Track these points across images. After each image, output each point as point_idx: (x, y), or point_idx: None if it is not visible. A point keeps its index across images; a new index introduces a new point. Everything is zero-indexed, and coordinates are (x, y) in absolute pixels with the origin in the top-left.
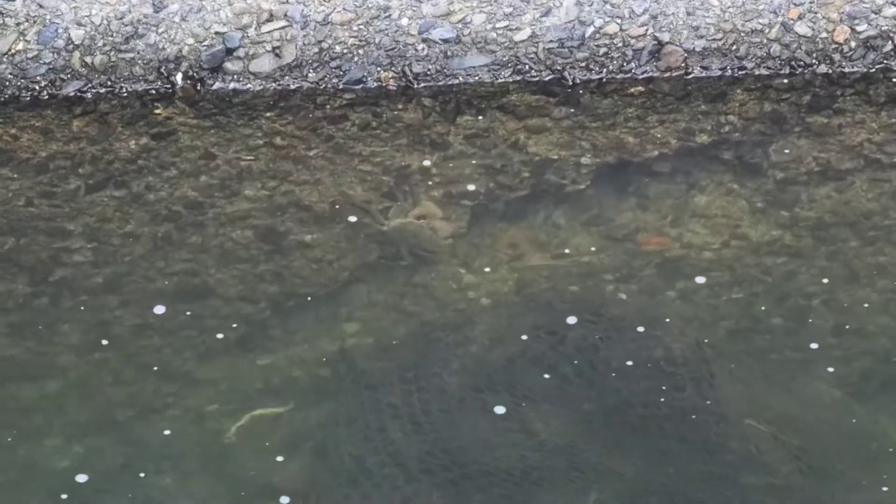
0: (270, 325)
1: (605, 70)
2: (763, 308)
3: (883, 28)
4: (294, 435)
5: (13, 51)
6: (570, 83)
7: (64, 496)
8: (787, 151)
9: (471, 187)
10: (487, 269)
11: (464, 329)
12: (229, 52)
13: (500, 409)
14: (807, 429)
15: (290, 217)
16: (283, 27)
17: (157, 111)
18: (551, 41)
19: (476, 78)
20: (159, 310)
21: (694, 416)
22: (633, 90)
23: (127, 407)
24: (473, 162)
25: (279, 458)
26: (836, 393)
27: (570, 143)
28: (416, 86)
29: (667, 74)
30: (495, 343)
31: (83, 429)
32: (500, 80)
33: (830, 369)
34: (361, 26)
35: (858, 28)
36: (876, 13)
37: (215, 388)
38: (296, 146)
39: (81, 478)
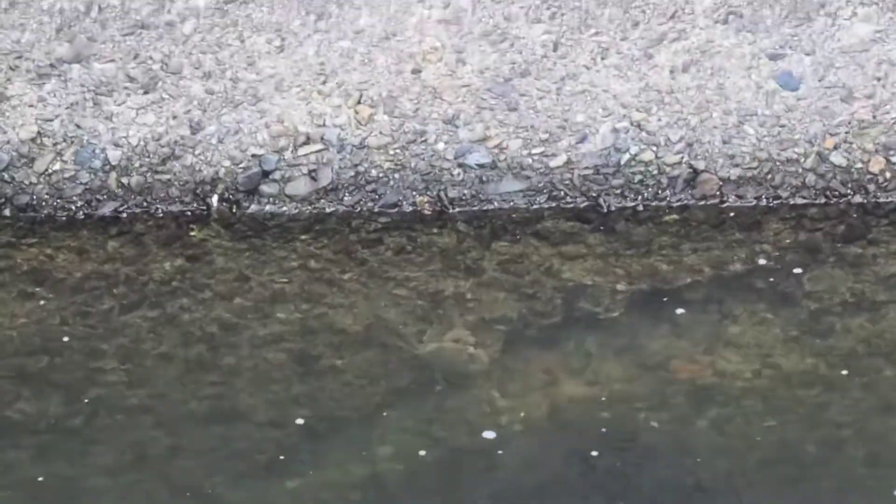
0: (301, 448)
1: (640, 197)
2: (795, 438)
3: None
4: None
5: (50, 170)
6: (605, 210)
7: None
8: (821, 281)
9: (504, 313)
10: (521, 395)
11: (496, 455)
12: (265, 174)
13: None
14: None
15: (323, 340)
16: (319, 150)
17: (193, 233)
18: (587, 168)
19: (511, 203)
20: (192, 432)
21: None
22: (667, 218)
23: None
24: (507, 287)
25: None
26: None
27: (604, 270)
28: (451, 210)
29: (702, 202)
30: (528, 467)
31: None
32: (535, 206)
33: (863, 501)
34: (398, 150)
35: (893, 158)
36: None
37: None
38: (330, 269)
39: None
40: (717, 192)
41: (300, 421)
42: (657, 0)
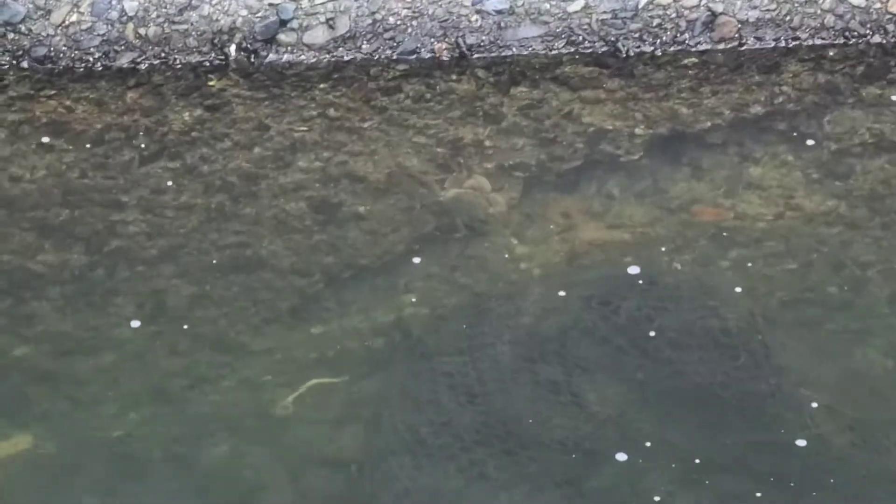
0: (325, 296)
1: (658, 41)
2: (817, 278)
3: None
4: (350, 405)
5: (67, 22)
6: (624, 55)
7: (118, 464)
8: (840, 122)
9: (524, 158)
10: (539, 240)
11: (516, 300)
12: (283, 23)
13: (552, 380)
14: (861, 400)
15: (344, 188)
16: None
17: (211, 83)
18: (605, 12)
19: (530, 49)
20: (213, 281)
21: (748, 387)
22: (686, 61)
23: (182, 377)
24: (527, 133)
25: (335, 429)
26: (890, 363)
27: (623, 114)
28: (469, 57)
29: (720, 45)
30: (547, 314)
31: (137, 398)
32: (553, 52)
33: (885, 340)
34: None
35: None
36: None
37: (270, 359)
38: (349, 118)
39: (135, 446)
40: (736, 35)
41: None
42: None
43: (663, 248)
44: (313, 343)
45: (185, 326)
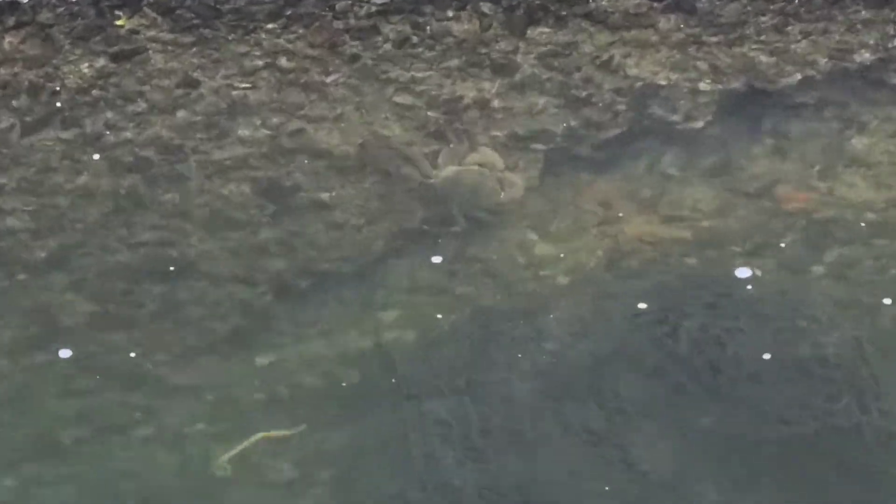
0: (275, 313)
1: None
2: None
3: None
4: (309, 465)
5: None
6: None
7: None
8: None
9: (546, 125)
10: (568, 237)
11: (536, 319)
12: None
13: (586, 428)
14: None
15: (301, 167)
16: None
17: (119, 22)
18: None
19: None
20: (122, 294)
21: (852, 437)
22: None
23: (77, 425)
24: (549, 90)
25: (289, 498)
26: None
27: (682, 64)
28: None
29: None
30: (579, 338)
31: (16, 454)
32: None
33: None
34: None
35: None
36: None
37: (201, 401)
38: (308, 70)
39: None
40: None
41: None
42: None
43: (737, 248)
44: (260, 379)
45: (83, 356)
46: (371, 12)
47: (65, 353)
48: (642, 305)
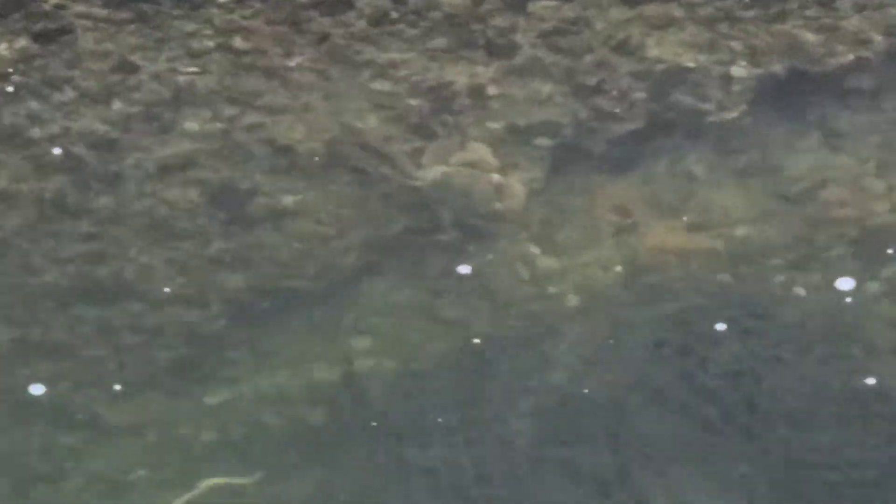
0: (229, 341)
1: None
2: None
3: None
4: None
5: None
6: None
7: None
8: None
9: (551, 116)
10: (578, 249)
11: (540, 347)
12: None
13: (599, 477)
14: None
15: (259, 167)
16: None
17: None
18: None
19: None
20: (48, 318)
21: None
22: None
23: None
24: (554, 74)
25: None
26: None
27: (712, 44)
28: None
29: None
30: (591, 370)
31: None
32: None
33: None
34: None
35: None
36: None
37: (141, 442)
38: (267, 51)
39: None
40: None
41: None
42: None
43: (777, 262)
44: (210, 417)
45: (2, 391)
46: None
47: None
48: (667, 330)
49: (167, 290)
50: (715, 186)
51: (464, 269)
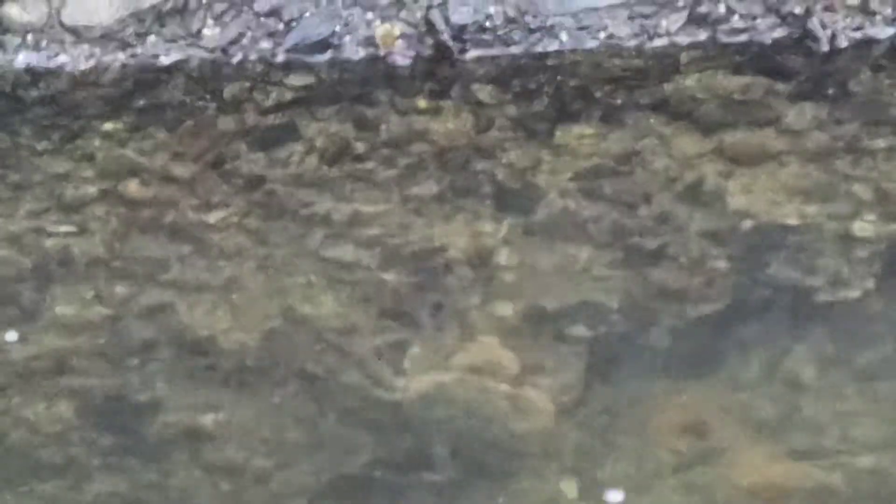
0: None
1: None
2: None
3: None
4: None
5: None
6: (827, 43)
7: None
8: None
9: (590, 296)
10: (633, 489)
11: None
12: None
13: None
14: None
15: (162, 371)
16: None
17: None
18: None
19: (607, 38)
20: None
21: None
22: None
23: None
24: (595, 236)
25: None
26: None
27: (824, 190)
28: (457, 52)
29: None
30: None
31: None
32: (654, 45)
33: None
34: None
35: None
36: None
37: None
38: (176, 202)
39: None
40: None
41: None
42: None
43: None
44: None
45: None
46: (284, 100)
47: None
48: None
49: None
50: (831, 396)
51: None
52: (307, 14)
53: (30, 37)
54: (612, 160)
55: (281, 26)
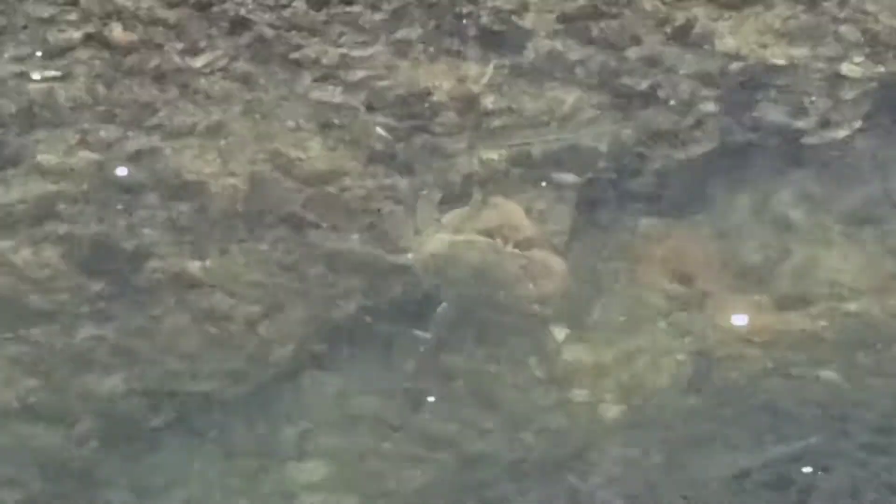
0: (108, 470)
1: None
2: None
3: None
4: None
5: None
6: None
7: None
8: None
9: (579, 140)
10: (619, 336)
11: (566, 476)
12: None
13: None
14: None
15: (150, 217)
16: None
17: None
18: None
19: None
20: None
21: None
22: None
23: None
24: (584, 78)
25: None
26: None
27: (812, 31)
28: None
29: None
30: None
31: None
32: None
33: None
34: None
35: None
36: None
37: None
38: (162, 46)
39: None
40: None
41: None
42: None
43: None
44: None
45: None
46: None
47: None
48: (747, 457)
49: (13, 400)
50: (818, 239)
51: (454, 367)
52: None
53: None
54: (600, 1)
55: None
